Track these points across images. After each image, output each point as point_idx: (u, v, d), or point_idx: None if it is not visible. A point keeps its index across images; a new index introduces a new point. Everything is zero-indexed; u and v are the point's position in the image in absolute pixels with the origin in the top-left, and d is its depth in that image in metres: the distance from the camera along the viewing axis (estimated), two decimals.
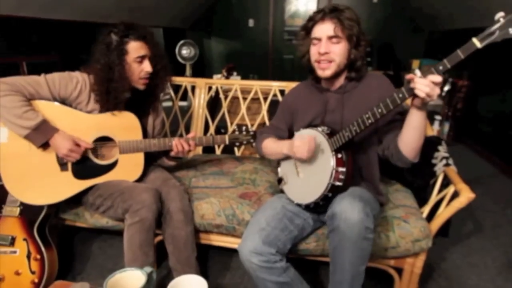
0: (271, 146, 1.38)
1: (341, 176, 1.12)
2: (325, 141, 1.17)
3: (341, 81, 1.27)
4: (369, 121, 1.07)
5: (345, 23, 1.15)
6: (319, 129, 1.21)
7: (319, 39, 1.19)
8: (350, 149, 1.17)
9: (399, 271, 1.39)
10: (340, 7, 1.18)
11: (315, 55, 1.21)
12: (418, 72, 0.96)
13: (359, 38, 1.18)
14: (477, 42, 0.87)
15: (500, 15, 0.85)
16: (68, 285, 0.97)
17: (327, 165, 1.14)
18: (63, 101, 1.38)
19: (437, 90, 0.95)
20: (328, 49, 1.18)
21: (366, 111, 1.08)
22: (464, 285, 1.60)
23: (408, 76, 0.98)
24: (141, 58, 1.37)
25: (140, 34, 1.36)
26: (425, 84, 0.94)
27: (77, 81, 1.37)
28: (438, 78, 0.93)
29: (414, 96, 0.98)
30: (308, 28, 1.23)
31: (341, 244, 1.05)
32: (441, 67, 0.93)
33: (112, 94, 1.36)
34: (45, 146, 1.34)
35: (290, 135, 1.42)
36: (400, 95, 1.00)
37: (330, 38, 1.17)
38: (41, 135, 1.30)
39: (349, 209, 1.03)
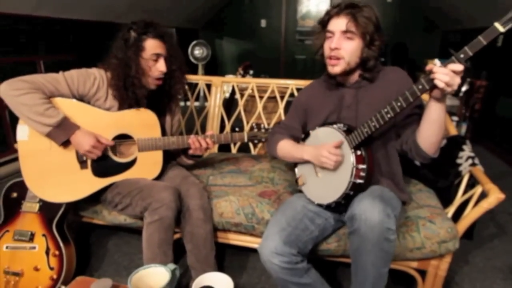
0: (289, 149, 1.34)
1: (362, 174, 1.10)
2: (342, 138, 1.14)
3: (355, 77, 1.25)
4: (388, 115, 1.03)
5: (359, 20, 1.12)
6: (335, 126, 1.18)
7: (333, 33, 1.17)
8: (369, 145, 1.14)
9: (423, 273, 1.35)
10: (359, 4, 1.15)
11: (327, 50, 1.20)
12: (437, 61, 0.94)
13: (373, 37, 1.15)
14: (499, 27, 0.83)
15: None
16: (90, 281, 0.96)
17: (347, 163, 1.12)
18: (81, 98, 1.38)
19: (457, 80, 0.91)
20: (339, 45, 1.16)
21: (383, 105, 1.04)
22: None
23: (428, 67, 0.94)
24: (157, 56, 1.37)
25: (158, 33, 1.36)
26: (445, 72, 0.90)
27: (94, 77, 1.37)
28: (459, 67, 0.90)
29: (434, 87, 0.95)
30: (324, 22, 1.21)
31: (362, 246, 1.03)
32: (462, 55, 0.88)
33: (130, 90, 1.37)
34: (65, 143, 1.33)
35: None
36: (420, 87, 0.96)
37: (343, 33, 1.15)
38: (63, 132, 1.29)
39: (369, 210, 1.00)
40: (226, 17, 5.89)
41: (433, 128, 1.05)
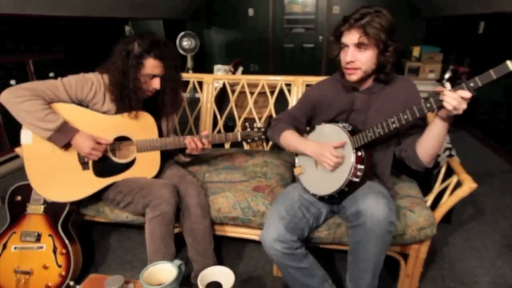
0: (292, 140, 1.37)
1: (359, 173, 1.18)
2: (346, 138, 1.22)
3: (369, 82, 1.30)
4: (394, 125, 1.12)
5: (370, 32, 1.15)
6: (340, 125, 1.26)
7: (347, 45, 1.22)
8: (369, 148, 1.23)
9: (405, 256, 1.47)
10: (370, 11, 1.17)
11: (343, 61, 1.25)
12: (448, 85, 1.00)
13: (387, 43, 1.18)
14: (510, 65, 0.90)
15: None
16: (102, 278, 1.05)
17: (347, 161, 1.20)
18: (80, 103, 1.44)
19: (464, 105, 1.01)
20: (354, 57, 1.20)
21: (391, 114, 1.12)
22: (466, 267, 1.69)
23: (438, 89, 1.04)
24: (153, 76, 1.41)
25: (161, 54, 1.39)
26: (454, 97, 0.99)
27: (91, 82, 1.42)
28: (467, 94, 0.98)
29: (441, 107, 1.04)
30: (337, 35, 1.25)
31: (367, 239, 1.13)
32: (472, 84, 0.97)
33: (126, 99, 1.42)
34: (67, 146, 1.40)
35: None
36: (428, 105, 1.05)
37: (356, 45, 1.19)
38: (63, 136, 1.36)
39: (375, 207, 1.10)
40: (214, 7, 5.84)
41: (433, 142, 1.16)
